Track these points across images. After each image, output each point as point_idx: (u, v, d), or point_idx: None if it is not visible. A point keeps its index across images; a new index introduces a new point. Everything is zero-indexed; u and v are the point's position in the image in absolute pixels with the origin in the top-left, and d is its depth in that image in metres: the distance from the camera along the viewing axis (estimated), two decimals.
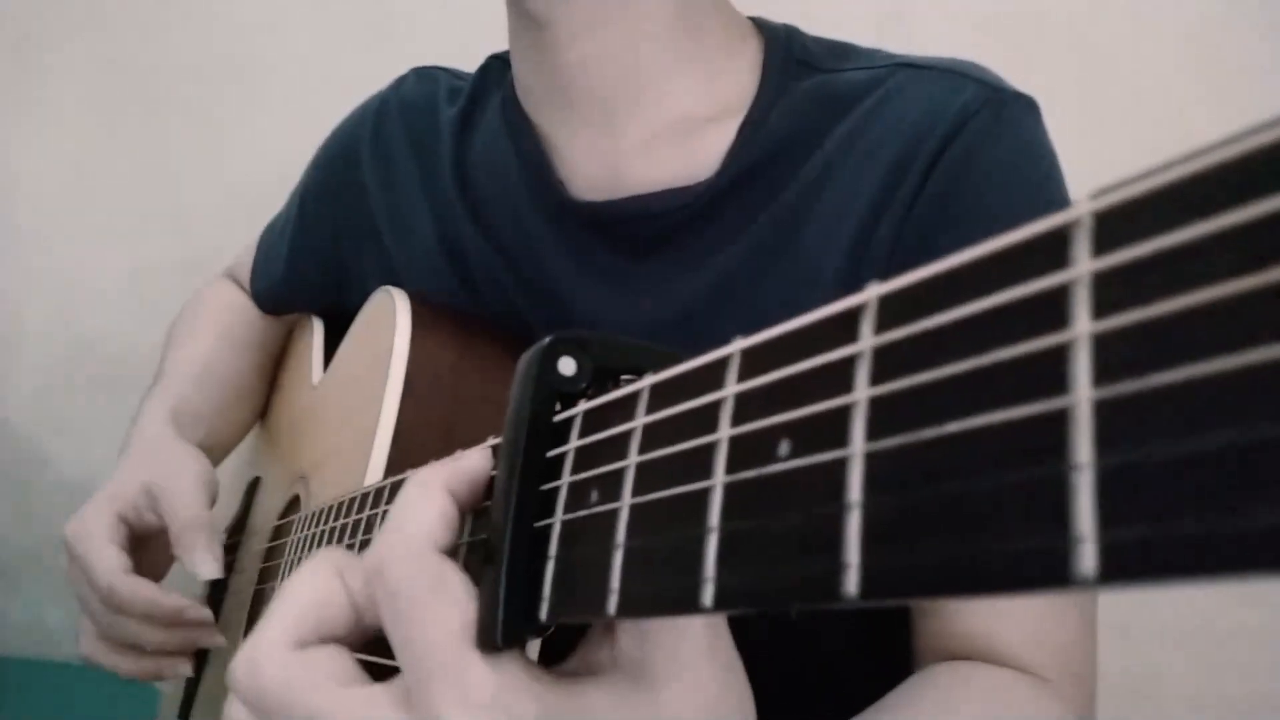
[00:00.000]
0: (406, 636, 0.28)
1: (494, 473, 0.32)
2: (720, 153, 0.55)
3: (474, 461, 0.32)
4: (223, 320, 0.80)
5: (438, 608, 0.28)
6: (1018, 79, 0.54)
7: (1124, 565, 0.13)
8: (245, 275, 0.82)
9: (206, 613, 0.61)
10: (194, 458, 0.65)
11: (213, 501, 0.63)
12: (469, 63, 0.69)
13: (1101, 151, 0.67)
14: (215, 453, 0.72)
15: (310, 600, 0.31)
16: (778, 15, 0.61)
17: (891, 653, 0.50)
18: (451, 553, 0.33)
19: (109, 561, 0.59)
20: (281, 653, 0.30)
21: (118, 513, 0.61)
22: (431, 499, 0.30)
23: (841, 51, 0.58)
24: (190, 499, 0.61)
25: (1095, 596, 0.50)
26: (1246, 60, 1.08)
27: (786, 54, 0.57)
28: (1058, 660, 0.47)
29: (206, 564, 0.59)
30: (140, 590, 0.59)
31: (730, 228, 0.54)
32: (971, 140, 0.50)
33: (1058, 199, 0.51)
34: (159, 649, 0.62)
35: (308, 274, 0.75)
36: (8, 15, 1.27)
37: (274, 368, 0.84)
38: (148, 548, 0.63)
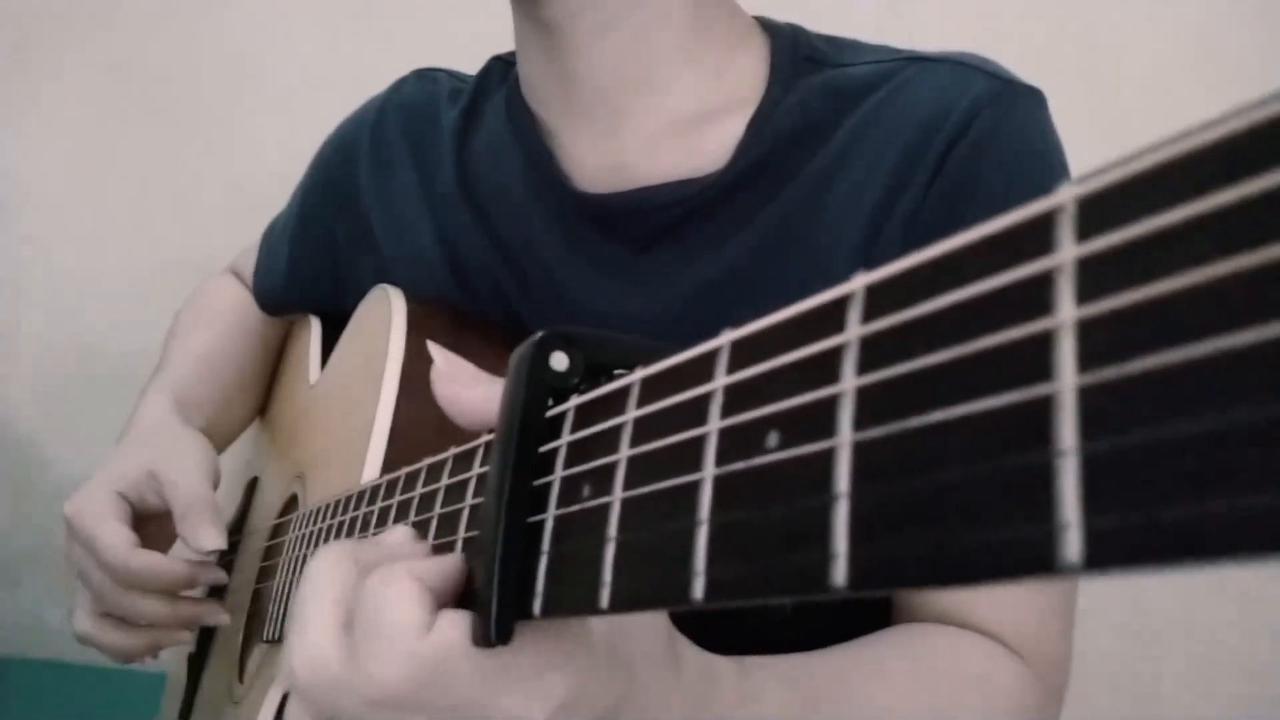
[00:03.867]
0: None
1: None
2: (728, 147, 0.55)
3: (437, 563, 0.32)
4: (225, 314, 0.80)
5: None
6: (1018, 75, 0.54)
7: (1108, 552, 0.13)
8: (248, 272, 0.82)
9: (221, 573, 0.62)
10: (195, 441, 0.65)
11: (215, 484, 0.63)
12: (471, 62, 0.69)
13: (1101, 151, 0.67)
14: (214, 444, 0.72)
15: (342, 591, 0.31)
16: (780, 15, 0.61)
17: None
18: (449, 549, 0.34)
19: (119, 538, 0.59)
20: (337, 637, 0.31)
21: (119, 491, 0.61)
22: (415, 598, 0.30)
23: (849, 47, 0.58)
24: (193, 478, 0.61)
25: (1074, 584, 0.51)
26: (1246, 60, 1.08)
27: (794, 50, 0.57)
28: (1029, 642, 0.48)
29: (210, 536, 0.58)
30: (155, 563, 0.59)
31: (738, 220, 0.54)
32: (981, 133, 0.50)
33: None
34: (163, 623, 0.62)
35: (308, 276, 0.75)
36: (8, 16, 1.27)
37: (274, 365, 0.84)
38: (146, 529, 0.62)
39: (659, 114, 0.56)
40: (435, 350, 0.35)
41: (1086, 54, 1.13)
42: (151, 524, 0.63)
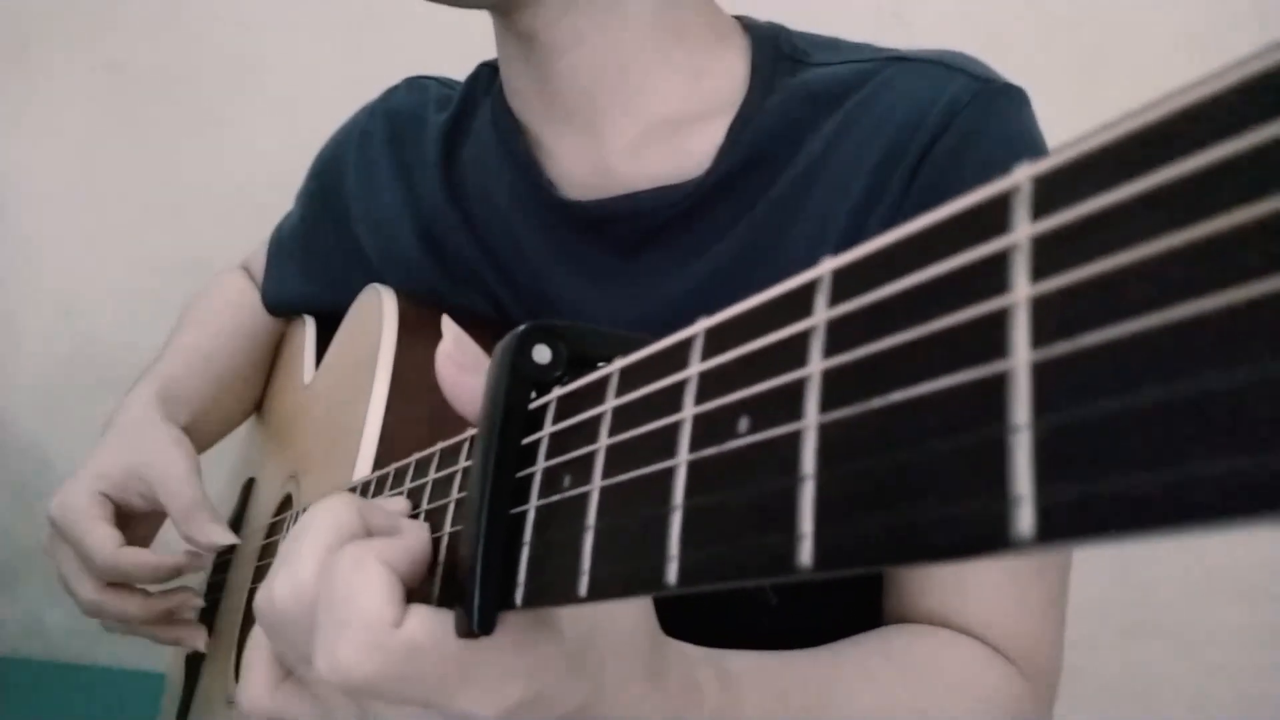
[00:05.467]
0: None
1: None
2: (710, 151, 0.55)
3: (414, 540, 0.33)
4: (227, 311, 0.80)
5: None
6: (1016, 76, 0.54)
7: (1061, 525, 0.13)
8: (258, 269, 0.82)
9: (206, 561, 0.63)
10: (178, 442, 0.65)
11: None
12: (467, 64, 0.69)
13: None
14: (201, 439, 0.73)
15: (337, 538, 0.32)
16: (776, 15, 0.61)
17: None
18: (434, 544, 0.34)
19: (104, 539, 0.59)
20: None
21: (102, 491, 0.62)
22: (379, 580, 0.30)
23: (830, 46, 0.58)
24: (186, 482, 0.62)
25: (1065, 584, 0.51)
26: None
27: (775, 51, 0.57)
28: (1020, 643, 0.48)
29: (218, 534, 0.60)
30: (141, 558, 0.60)
31: (721, 224, 0.54)
32: (961, 133, 0.50)
33: None
34: (146, 621, 0.64)
35: (314, 280, 0.76)
36: (7, 15, 1.28)
37: (270, 364, 0.84)
38: (126, 527, 0.63)
39: (640, 118, 0.56)
40: (447, 327, 0.35)
41: (1084, 54, 1.13)
42: (130, 522, 0.64)
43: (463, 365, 0.33)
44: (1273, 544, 1.03)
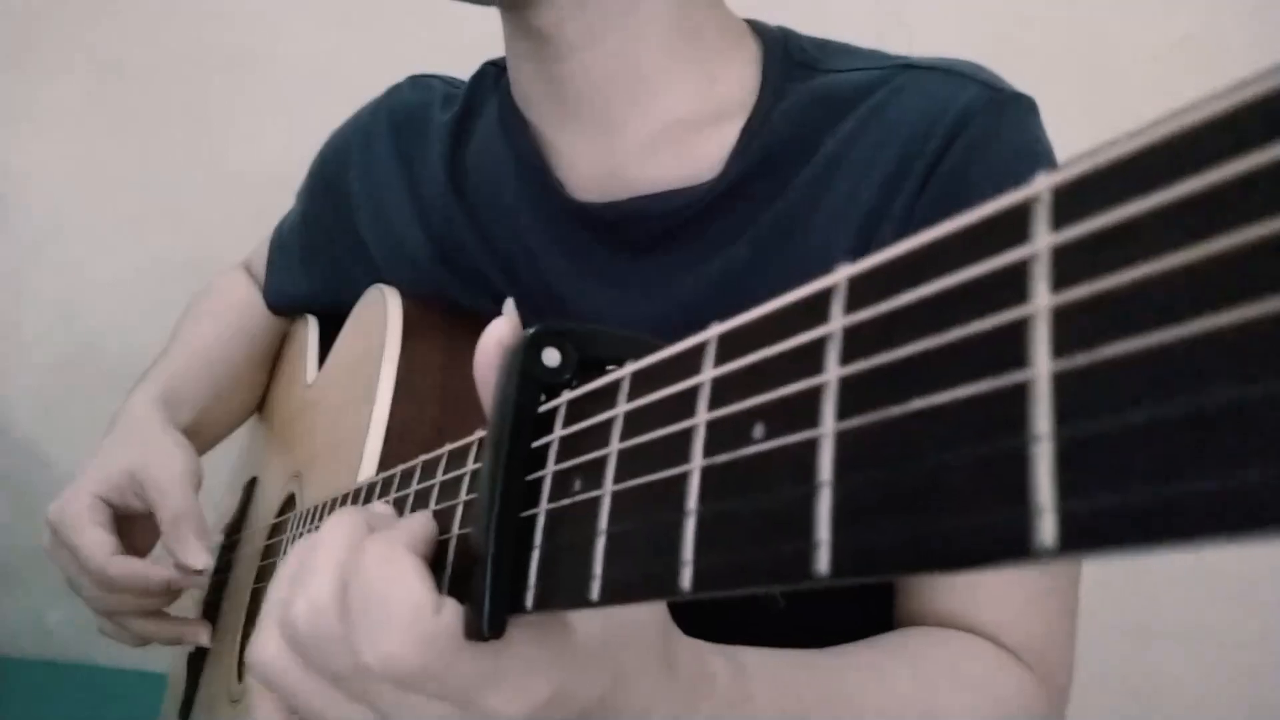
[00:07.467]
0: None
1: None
2: (722, 155, 0.55)
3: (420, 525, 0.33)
4: (229, 311, 0.80)
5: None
6: (1018, 80, 0.54)
7: (1083, 535, 0.13)
8: (259, 268, 0.82)
9: (200, 580, 0.63)
10: (179, 445, 0.65)
11: (198, 487, 0.64)
12: (471, 62, 0.69)
13: None
14: (203, 439, 0.73)
15: (349, 550, 0.32)
16: (779, 16, 0.61)
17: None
18: (443, 546, 0.34)
19: (96, 544, 0.60)
20: (336, 592, 0.32)
21: (100, 495, 0.62)
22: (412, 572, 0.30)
23: (841, 52, 0.58)
24: (178, 488, 0.62)
25: (1076, 588, 0.51)
26: (1247, 63, 1.08)
27: (785, 56, 0.57)
28: (1033, 646, 0.48)
29: (197, 554, 0.60)
30: (131, 568, 0.60)
31: (732, 228, 0.54)
32: (972, 141, 0.50)
33: None
34: (147, 629, 0.64)
35: (316, 279, 0.76)
36: (8, 15, 1.27)
37: (272, 364, 0.84)
38: (128, 530, 0.63)
39: (652, 120, 0.56)
40: (509, 310, 0.34)
41: (1086, 57, 1.13)
42: (134, 524, 0.64)
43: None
44: (1277, 547, 1.03)
